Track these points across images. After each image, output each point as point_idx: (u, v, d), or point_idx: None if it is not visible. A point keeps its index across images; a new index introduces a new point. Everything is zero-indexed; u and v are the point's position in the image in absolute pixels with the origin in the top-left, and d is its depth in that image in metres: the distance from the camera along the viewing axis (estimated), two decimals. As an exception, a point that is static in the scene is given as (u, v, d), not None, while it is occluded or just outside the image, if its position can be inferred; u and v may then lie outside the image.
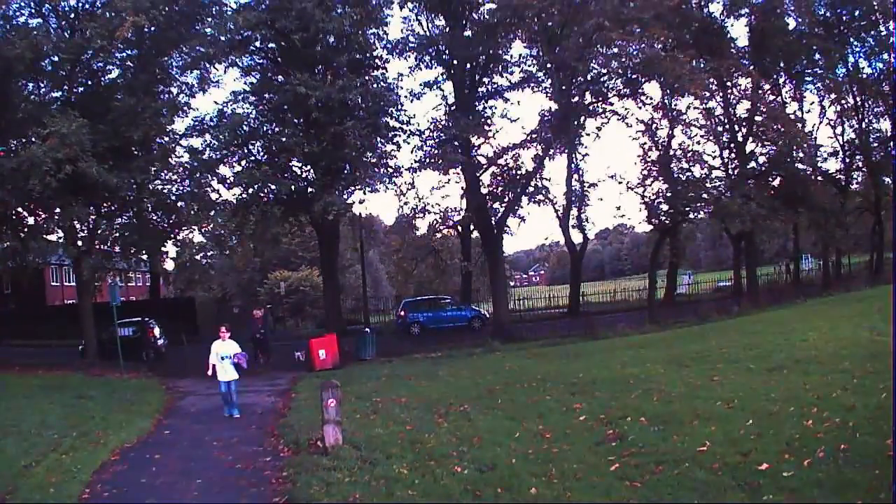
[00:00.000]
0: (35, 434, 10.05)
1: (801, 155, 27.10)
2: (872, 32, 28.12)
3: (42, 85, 20.82)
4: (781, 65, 28.67)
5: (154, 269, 29.24)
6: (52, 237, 21.62)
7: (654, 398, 9.42)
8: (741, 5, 26.50)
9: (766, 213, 24.56)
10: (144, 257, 23.96)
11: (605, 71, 23.21)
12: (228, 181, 22.50)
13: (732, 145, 28.11)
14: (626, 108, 25.24)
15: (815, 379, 9.07)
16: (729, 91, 27.10)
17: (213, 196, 22.24)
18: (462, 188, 24.77)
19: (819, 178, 29.34)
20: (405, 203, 24.78)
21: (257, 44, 22.34)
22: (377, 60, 23.30)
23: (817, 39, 27.32)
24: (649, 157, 27.26)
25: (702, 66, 24.14)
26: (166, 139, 22.17)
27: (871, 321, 12.97)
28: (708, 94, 24.79)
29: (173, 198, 22.18)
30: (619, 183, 28.36)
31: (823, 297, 23.63)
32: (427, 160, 23.38)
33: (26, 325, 30.34)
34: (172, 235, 22.67)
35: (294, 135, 20.79)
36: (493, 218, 24.72)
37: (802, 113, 30.02)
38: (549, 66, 22.72)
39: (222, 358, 11.82)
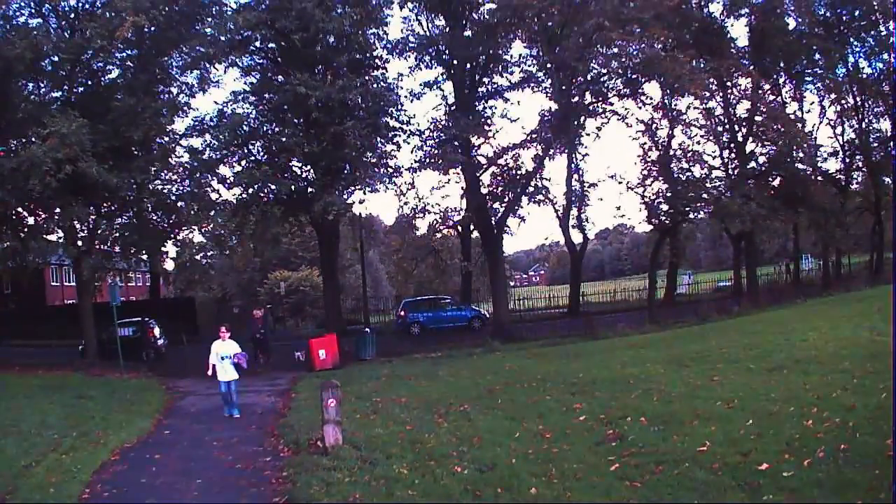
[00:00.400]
0: (35, 434, 10.04)
1: (801, 155, 27.12)
2: (872, 32, 28.13)
3: (42, 85, 20.82)
4: (781, 65, 28.67)
5: (154, 269, 29.24)
6: (52, 237, 21.64)
7: (654, 398, 9.41)
8: (741, 5, 26.51)
9: (766, 213, 24.58)
10: (144, 257, 23.96)
11: (605, 71, 23.22)
12: (228, 181, 22.55)
13: (732, 145, 28.12)
14: (626, 108, 25.37)
15: (815, 379, 9.07)
16: (729, 91, 27.12)
17: (213, 196, 22.31)
18: (462, 188, 24.82)
19: (819, 178, 29.34)
20: (405, 203, 24.88)
21: (257, 44, 22.35)
22: (377, 60, 23.31)
23: (817, 39, 27.32)
24: (649, 157, 27.34)
25: (702, 66, 24.15)
26: (166, 139, 22.19)
27: (871, 321, 12.96)
28: (708, 94, 24.81)
29: (173, 198, 22.21)
30: (619, 183, 28.45)
31: (823, 297, 23.61)
32: (427, 160, 23.39)
33: (26, 325, 30.31)
34: (172, 235, 22.69)
35: (294, 135, 20.80)
36: (493, 218, 24.72)
37: (802, 113, 30.11)
38: (549, 66, 22.72)
39: (222, 358, 11.83)
